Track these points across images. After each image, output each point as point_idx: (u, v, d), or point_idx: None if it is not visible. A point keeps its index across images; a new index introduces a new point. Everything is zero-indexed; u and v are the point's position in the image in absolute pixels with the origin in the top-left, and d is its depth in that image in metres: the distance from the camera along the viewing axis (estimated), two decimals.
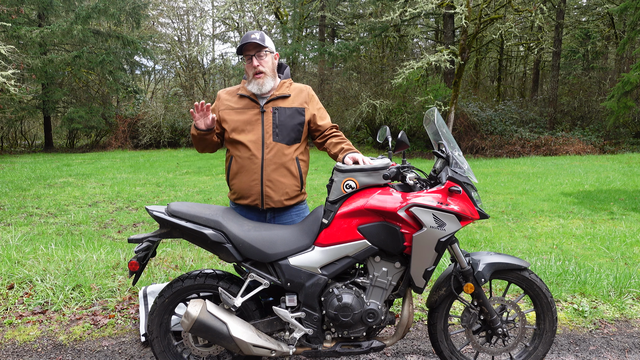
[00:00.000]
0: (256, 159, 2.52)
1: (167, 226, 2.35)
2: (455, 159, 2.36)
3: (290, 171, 2.56)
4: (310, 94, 2.65)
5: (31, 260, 4.04)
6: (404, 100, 19.20)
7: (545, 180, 10.40)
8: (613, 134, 18.88)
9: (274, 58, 2.59)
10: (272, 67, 2.57)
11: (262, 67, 2.51)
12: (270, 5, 20.69)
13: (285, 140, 2.54)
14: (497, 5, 19.74)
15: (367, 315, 2.33)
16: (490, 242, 5.49)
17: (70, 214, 6.89)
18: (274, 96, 2.57)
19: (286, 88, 2.62)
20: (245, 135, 2.54)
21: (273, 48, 2.61)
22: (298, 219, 2.68)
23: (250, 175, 2.54)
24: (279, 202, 2.57)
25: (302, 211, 2.72)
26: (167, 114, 20.88)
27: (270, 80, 2.55)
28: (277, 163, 2.52)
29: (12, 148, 20.38)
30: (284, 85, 2.63)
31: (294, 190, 2.60)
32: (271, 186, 2.53)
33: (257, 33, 2.54)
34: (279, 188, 2.55)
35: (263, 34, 2.55)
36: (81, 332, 3.10)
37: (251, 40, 2.49)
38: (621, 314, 3.45)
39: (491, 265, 2.43)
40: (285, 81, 2.65)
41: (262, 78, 2.52)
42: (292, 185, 2.58)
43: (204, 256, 4.44)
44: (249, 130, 2.55)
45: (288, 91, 2.61)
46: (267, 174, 2.52)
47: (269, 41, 2.58)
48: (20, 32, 15.99)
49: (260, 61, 2.51)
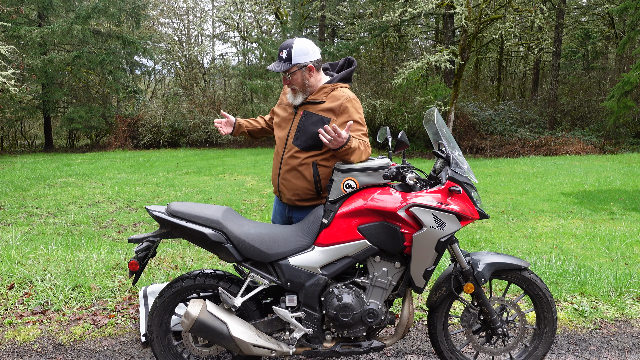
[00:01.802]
0: (278, 156, 2.67)
1: (167, 226, 2.35)
2: (455, 159, 2.36)
3: (303, 175, 2.55)
4: (344, 105, 2.48)
5: (31, 260, 4.04)
6: (404, 100, 19.21)
7: (545, 180, 10.40)
8: (613, 134, 18.88)
9: (305, 71, 2.50)
10: (302, 81, 2.51)
11: (291, 86, 2.56)
12: (270, 5, 20.70)
13: (302, 145, 2.53)
14: (497, 5, 19.74)
15: (367, 315, 2.33)
16: (490, 242, 5.49)
17: (70, 214, 6.89)
18: (308, 100, 2.56)
19: (324, 94, 2.54)
20: (279, 131, 2.70)
21: (306, 58, 2.48)
22: None
23: (275, 169, 2.70)
24: (290, 201, 2.64)
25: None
26: (167, 114, 20.87)
27: (301, 95, 2.56)
28: (290, 165, 2.58)
29: (12, 148, 20.38)
30: (322, 90, 2.55)
31: (306, 194, 2.58)
32: (285, 184, 2.63)
33: (286, 50, 2.47)
34: (290, 188, 2.61)
35: (291, 49, 2.46)
36: (81, 332, 3.10)
37: (278, 60, 2.50)
38: (621, 314, 3.45)
39: (491, 265, 2.43)
40: (327, 86, 2.55)
41: (295, 92, 2.58)
42: (304, 189, 2.57)
43: (204, 256, 4.44)
44: (283, 128, 2.67)
45: (324, 97, 2.54)
46: (282, 172, 2.62)
47: (299, 53, 2.47)
48: (20, 32, 15.99)
49: (290, 79, 2.52)
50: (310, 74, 2.52)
